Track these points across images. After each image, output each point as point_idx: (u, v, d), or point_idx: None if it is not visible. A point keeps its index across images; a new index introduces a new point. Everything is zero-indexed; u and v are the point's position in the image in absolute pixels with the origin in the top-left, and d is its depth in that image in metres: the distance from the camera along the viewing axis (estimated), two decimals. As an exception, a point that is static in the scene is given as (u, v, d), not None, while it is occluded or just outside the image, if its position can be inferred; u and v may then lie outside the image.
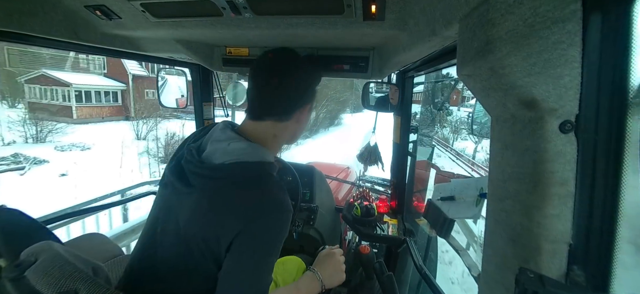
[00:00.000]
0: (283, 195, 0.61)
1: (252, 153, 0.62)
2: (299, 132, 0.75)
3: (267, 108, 0.67)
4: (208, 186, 0.59)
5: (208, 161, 0.62)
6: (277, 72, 0.65)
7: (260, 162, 0.62)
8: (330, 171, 2.58)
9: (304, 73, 0.68)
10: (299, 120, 0.71)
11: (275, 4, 0.75)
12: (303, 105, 0.69)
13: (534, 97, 0.35)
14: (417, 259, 1.18)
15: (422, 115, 3.35)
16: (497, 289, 0.44)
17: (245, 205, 0.57)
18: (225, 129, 0.67)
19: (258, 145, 0.65)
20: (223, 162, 0.60)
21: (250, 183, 0.59)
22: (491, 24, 0.35)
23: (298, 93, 0.68)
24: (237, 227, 0.56)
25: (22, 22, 0.77)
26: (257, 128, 0.68)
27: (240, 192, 0.58)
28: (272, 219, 0.58)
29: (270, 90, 0.66)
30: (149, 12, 0.83)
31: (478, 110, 1.13)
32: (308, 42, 1.12)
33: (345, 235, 2.06)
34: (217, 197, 0.58)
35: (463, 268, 3.37)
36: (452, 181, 0.89)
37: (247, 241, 0.57)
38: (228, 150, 0.62)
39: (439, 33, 0.54)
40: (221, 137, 0.65)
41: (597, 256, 0.35)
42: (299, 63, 0.68)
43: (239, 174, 0.59)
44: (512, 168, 0.40)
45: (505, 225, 0.42)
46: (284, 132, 0.70)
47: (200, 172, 0.60)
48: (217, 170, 0.60)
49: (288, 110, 0.68)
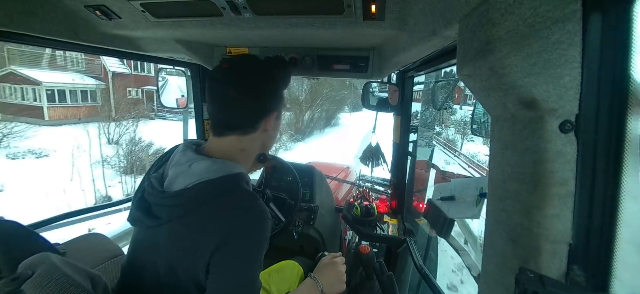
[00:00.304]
0: (255, 203, 0.58)
1: (217, 169, 0.58)
2: (271, 140, 0.72)
3: (229, 123, 0.63)
4: (174, 215, 0.56)
5: (170, 189, 0.58)
6: (235, 83, 0.60)
7: (226, 176, 0.58)
8: (330, 171, 2.58)
9: (266, 80, 0.63)
10: (266, 129, 0.67)
11: (275, 4, 0.75)
12: (269, 114, 0.65)
13: (534, 97, 0.35)
14: (417, 259, 1.18)
15: (422, 115, 3.35)
16: (497, 289, 0.44)
17: (215, 224, 0.54)
18: (186, 151, 0.63)
19: (223, 160, 0.62)
20: (185, 186, 0.57)
21: (218, 200, 0.56)
22: (491, 24, 0.35)
23: (261, 103, 0.63)
24: (210, 247, 0.53)
25: (22, 22, 0.77)
26: (221, 145, 0.64)
27: (208, 212, 0.55)
28: (247, 231, 0.55)
29: (230, 104, 0.61)
30: (149, 12, 0.83)
31: (478, 109, 1.13)
32: (308, 42, 1.12)
33: (345, 235, 2.06)
34: (185, 224, 0.55)
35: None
36: (452, 181, 0.89)
37: (225, 259, 0.54)
38: (189, 172, 0.58)
39: (439, 33, 0.54)
40: (182, 159, 0.61)
41: (597, 256, 0.35)
42: (259, 69, 0.63)
43: (203, 194, 0.56)
44: (512, 168, 0.40)
45: (505, 225, 0.42)
46: (252, 143, 0.67)
47: (163, 203, 0.57)
48: (180, 196, 0.56)
49: (252, 122, 0.64)
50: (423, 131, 3.19)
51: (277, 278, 1.11)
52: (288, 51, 1.23)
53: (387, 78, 1.33)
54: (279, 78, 0.67)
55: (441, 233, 0.84)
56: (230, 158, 0.63)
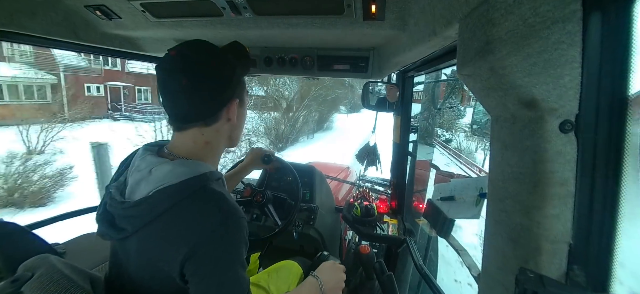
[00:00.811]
0: (222, 203, 0.54)
1: (180, 172, 0.54)
2: (238, 131, 0.69)
3: (186, 115, 0.59)
4: (137, 225, 0.53)
5: (131, 199, 0.55)
6: (186, 70, 0.55)
7: (190, 179, 0.54)
8: (330, 171, 2.58)
9: (220, 65, 0.59)
10: (230, 119, 0.63)
11: (275, 4, 0.75)
12: (228, 101, 0.61)
13: (534, 97, 0.35)
14: (417, 259, 1.18)
15: (421, 117, 3.31)
16: (497, 289, 0.44)
17: (181, 232, 0.51)
18: (145, 155, 0.59)
19: (188, 160, 0.58)
20: (147, 194, 0.53)
21: (181, 206, 0.52)
22: (491, 24, 0.35)
23: (217, 91, 0.59)
24: (178, 258, 0.50)
25: (22, 22, 0.77)
26: (184, 140, 0.61)
27: (172, 220, 0.52)
28: (215, 236, 0.52)
29: (183, 94, 0.56)
30: (149, 12, 0.83)
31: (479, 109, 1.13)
32: (308, 42, 1.12)
33: (345, 235, 2.06)
34: (151, 235, 0.52)
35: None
36: (452, 181, 0.89)
37: (198, 269, 0.51)
38: (150, 178, 0.55)
39: (439, 33, 0.54)
40: (141, 165, 0.57)
41: (597, 256, 0.35)
42: (211, 55, 0.58)
43: (165, 202, 0.52)
44: (512, 168, 0.40)
45: (505, 225, 0.42)
46: (216, 136, 0.63)
47: (125, 214, 0.54)
48: (140, 205, 0.53)
49: (211, 111, 0.60)
50: (425, 136, 3.15)
51: (276, 278, 1.11)
52: (288, 51, 1.23)
53: (387, 78, 1.33)
54: (236, 63, 0.62)
55: (441, 233, 0.84)
56: (196, 155, 0.60)
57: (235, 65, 0.62)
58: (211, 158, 0.64)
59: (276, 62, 1.26)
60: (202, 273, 0.51)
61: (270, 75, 1.42)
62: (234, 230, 0.53)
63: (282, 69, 1.27)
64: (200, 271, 0.51)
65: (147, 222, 0.52)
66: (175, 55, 0.56)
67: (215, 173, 0.59)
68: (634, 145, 0.32)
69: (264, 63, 1.27)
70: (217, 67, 0.58)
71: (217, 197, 0.55)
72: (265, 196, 1.33)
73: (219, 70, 0.58)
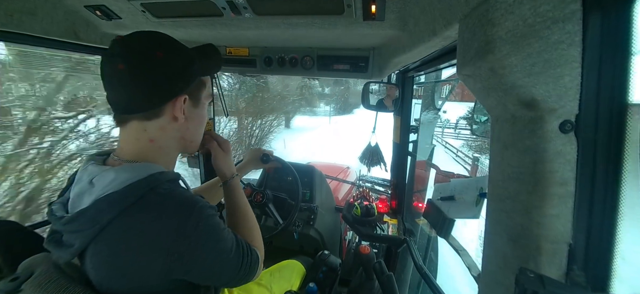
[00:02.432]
0: (179, 196, 0.51)
1: (124, 178, 0.50)
2: (191, 133, 0.63)
3: (122, 104, 0.54)
4: (84, 240, 0.48)
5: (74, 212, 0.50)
6: (124, 56, 0.51)
7: (135, 183, 0.49)
8: (330, 171, 2.58)
9: (167, 56, 0.53)
10: (176, 117, 0.57)
11: (275, 4, 0.75)
12: (174, 95, 0.55)
13: (534, 97, 0.35)
14: (417, 259, 1.18)
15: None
16: (497, 289, 0.44)
17: (145, 238, 0.47)
18: (87, 166, 0.54)
19: (134, 164, 0.54)
20: (88, 205, 0.49)
21: (131, 212, 0.48)
22: (491, 24, 0.35)
23: (158, 82, 0.53)
24: (156, 266, 0.48)
25: (22, 22, 0.77)
26: (127, 138, 0.56)
27: (125, 229, 0.48)
28: (189, 228, 0.49)
29: (118, 80, 0.52)
30: (149, 12, 0.83)
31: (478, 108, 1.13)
32: (308, 42, 1.12)
33: (345, 235, 2.06)
34: (104, 248, 0.48)
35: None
36: (452, 181, 0.89)
37: (189, 261, 0.49)
38: (92, 190, 0.50)
39: (439, 33, 0.54)
40: (83, 177, 0.53)
41: (597, 256, 0.35)
42: (158, 44, 0.54)
43: (108, 210, 0.47)
44: (512, 168, 0.40)
45: (505, 225, 0.42)
46: (162, 134, 0.57)
47: (65, 229, 0.50)
48: (78, 218, 0.48)
49: (150, 102, 0.54)
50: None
51: (279, 277, 1.12)
52: (288, 51, 1.23)
53: (387, 78, 1.33)
54: (191, 58, 0.57)
55: (441, 233, 0.84)
56: (143, 157, 0.56)
57: (192, 61, 0.57)
58: (162, 160, 0.58)
59: (276, 62, 1.26)
60: (198, 264, 0.51)
61: (270, 75, 1.41)
62: (204, 215, 0.51)
63: (282, 69, 1.27)
64: (195, 262, 0.50)
65: (94, 236, 0.48)
66: (119, 40, 0.53)
67: (167, 174, 0.54)
68: (634, 145, 0.32)
69: (264, 63, 1.27)
70: (162, 57, 0.53)
71: (171, 195, 0.51)
72: (265, 196, 1.34)
73: (165, 60, 0.53)
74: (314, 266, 1.25)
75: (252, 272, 0.62)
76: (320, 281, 1.19)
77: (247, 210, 0.75)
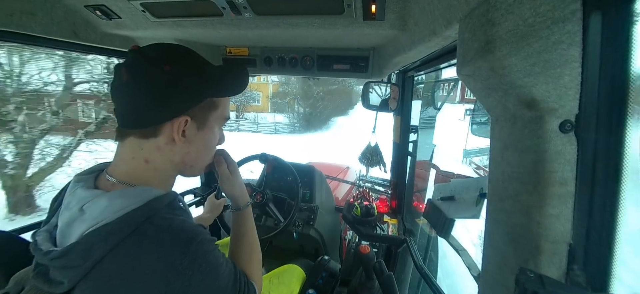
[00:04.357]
0: (177, 228, 0.47)
1: (119, 206, 0.45)
2: (193, 158, 0.56)
3: (124, 116, 0.51)
4: (74, 277, 0.43)
5: (62, 245, 0.45)
6: (131, 66, 0.48)
7: (132, 212, 0.45)
8: (330, 171, 2.58)
9: (174, 68, 0.48)
10: (174, 140, 0.51)
11: (275, 4, 0.75)
12: (174, 115, 0.50)
13: (534, 97, 0.35)
14: (417, 259, 1.18)
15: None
16: (497, 289, 0.44)
17: (140, 275, 0.43)
18: (76, 188, 0.48)
19: (128, 189, 0.48)
20: (79, 238, 0.44)
21: (127, 245, 0.44)
22: (491, 24, 0.35)
23: (160, 95, 0.48)
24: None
25: (22, 22, 0.77)
26: (123, 156, 0.52)
27: (120, 263, 0.43)
28: (184, 263, 0.45)
29: (121, 91, 0.49)
30: (149, 12, 0.83)
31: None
32: (308, 42, 1.12)
33: (345, 235, 2.06)
34: (97, 286, 0.43)
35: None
36: (452, 181, 0.88)
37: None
38: (83, 218, 0.45)
39: (439, 33, 0.54)
40: (72, 202, 0.47)
41: (597, 256, 0.35)
42: (171, 54, 0.50)
43: (102, 244, 0.43)
44: (512, 168, 0.40)
45: (505, 225, 0.42)
46: (158, 155, 0.52)
47: (53, 265, 0.44)
48: (69, 254, 0.43)
49: (148, 120, 0.50)
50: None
51: (278, 283, 1.11)
52: (288, 51, 1.23)
53: (387, 78, 1.33)
54: (202, 72, 0.52)
55: (441, 233, 0.84)
56: (138, 179, 0.51)
57: (206, 79, 0.53)
58: (157, 183, 0.53)
59: (276, 62, 1.26)
60: None
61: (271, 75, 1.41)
62: (201, 251, 0.47)
63: (282, 69, 1.27)
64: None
65: (85, 273, 0.43)
66: (133, 50, 0.50)
67: (164, 198, 0.49)
68: (634, 145, 0.32)
69: (264, 63, 1.27)
70: (169, 71, 0.48)
71: (168, 226, 0.47)
72: (265, 196, 1.33)
73: (171, 75, 0.48)
74: (314, 272, 1.25)
75: None
76: (319, 287, 1.18)
77: (254, 242, 0.71)
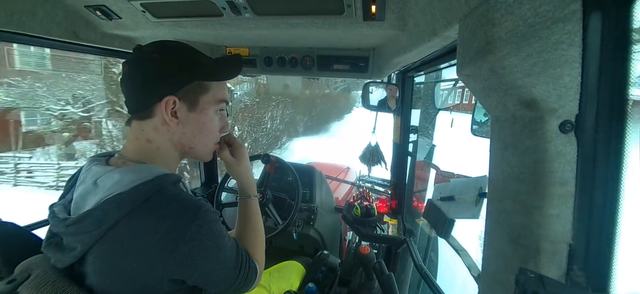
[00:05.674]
0: (186, 199, 0.51)
1: (129, 180, 0.50)
2: (187, 138, 0.60)
3: (127, 104, 0.59)
4: (87, 242, 0.47)
5: (76, 215, 0.50)
6: (131, 58, 0.57)
7: (141, 184, 0.49)
8: (330, 172, 2.58)
9: (161, 55, 0.55)
10: (167, 120, 0.56)
11: (275, 4, 0.75)
12: (161, 96, 0.55)
13: (534, 97, 0.35)
14: (417, 259, 1.18)
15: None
16: (497, 289, 0.44)
17: (150, 241, 0.47)
18: (91, 166, 0.55)
19: (138, 166, 0.54)
20: (94, 206, 0.48)
21: (139, 214, 0.48)
22: (491, 24, 0.35)
23: (148, 79, 0.55)
24: (159, 268, 0.47)
25: (22, 22, 0.77)
26: (130, 137, 0.59)
27: (132, 230, 0.47)
28: (193, 229, 0.49)
29: (124, 81, 0.58)
30: (149, 12, 0.83)
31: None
32: (308, 42, 1.12)
33: (345, 235, 2.06)
34: (108, 251, 0.47)
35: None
36: (452, 181, 0.88)
37: (190, 266, 0.49)
38: (96, 190, 0.50)
39: (439, 33, 0.54)
40: (87, 177, 0.53)
41: (597, 256, 0.35)
42: (163, 46, 0.57)
43: (115, 211, 0.47)
44: (512, 168, 0.40)
45: (505, 225, 0.42)
46: (157, 135, 0.58)
47: (68, 231, 0.49)
48: (84, 219, 0.47)
49: (141, 102, 0.56)
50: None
51: (278, 277, 1.12)
52: (288, 51, 1.23)
53: (387, 78, 1.33)
54: (188, 59, 0.58)
55: (441, 233, 0.84)
56: (144, 157, 0.57)
57: (192, 64, 0.58)
58: (161, 162, 0.58)
59: (276, 62, 1.26)
60: (198, 268, 0.50)
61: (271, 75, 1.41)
62: (207, 220, 0.51)
63: (282, 69, 1.27)
64: (195, 266, 0.50)
65: (99, 237, 0.47)
66: (135, 47, 0.58)
67: (171, 176, 0.54)
68: (634, 145, 0.32)
69: (264, 64, 1.27)
70: (156, 58, 0.55)
71: (177, 197, 0.51)
72: (265, 196, 1.34)
73: (157, 61, 0.55)
74: (313, 266, 1.25)
75: (249, 282, 0.62)
76: (319, 281, 1.19)
77: (258, 226, 0.74)
